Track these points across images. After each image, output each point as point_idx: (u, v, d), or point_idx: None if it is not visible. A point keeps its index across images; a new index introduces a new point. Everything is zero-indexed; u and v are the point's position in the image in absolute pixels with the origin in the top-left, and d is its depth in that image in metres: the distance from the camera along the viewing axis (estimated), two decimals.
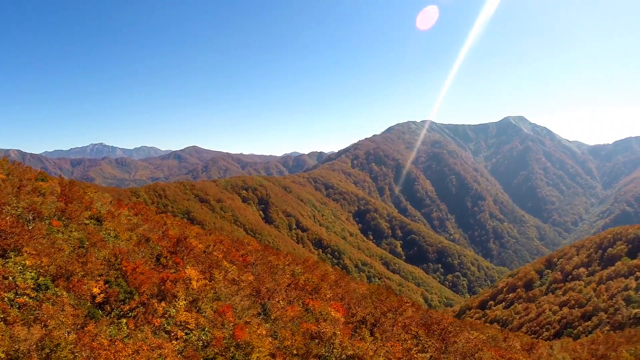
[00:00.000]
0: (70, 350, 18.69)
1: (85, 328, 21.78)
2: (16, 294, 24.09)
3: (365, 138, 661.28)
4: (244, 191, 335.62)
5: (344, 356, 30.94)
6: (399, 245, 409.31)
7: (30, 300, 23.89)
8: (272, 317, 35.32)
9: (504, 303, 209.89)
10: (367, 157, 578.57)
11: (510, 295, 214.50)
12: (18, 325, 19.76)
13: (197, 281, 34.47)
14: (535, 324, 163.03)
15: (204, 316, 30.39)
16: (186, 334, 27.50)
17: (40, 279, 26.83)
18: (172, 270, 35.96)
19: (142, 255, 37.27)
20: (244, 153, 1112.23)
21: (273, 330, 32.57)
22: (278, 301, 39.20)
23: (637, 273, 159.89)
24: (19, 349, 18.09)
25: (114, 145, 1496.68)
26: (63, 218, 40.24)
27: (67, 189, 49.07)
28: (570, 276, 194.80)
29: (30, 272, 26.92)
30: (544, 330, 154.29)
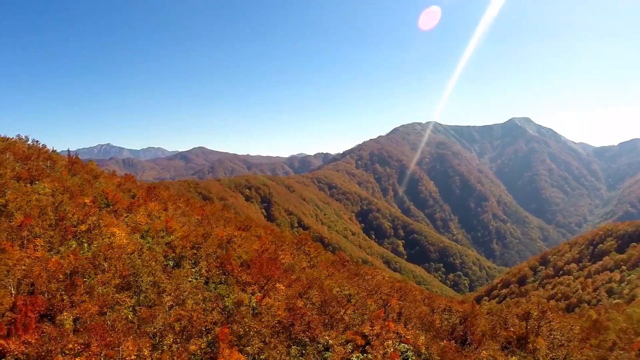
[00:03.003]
0: (68, 204, 37.48)
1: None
2: (38, 195, 42.95)
3: (370, 139, 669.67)
4: (247, 190, 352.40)
5: (242, 251, 48.94)
6: (401, 244, 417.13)
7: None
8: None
9: (497, 298, 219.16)
10: (372, 158, 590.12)
11: (503, 290, 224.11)
12: (41, 196, 38.52)
13: (155, 209, 52.75)
14: None
15: (152, 220, 48.65)
16: (138, 226, 45.69)
17: (54, 193, 45.77)
18: (141, 202, 54.59)
19: (122, 194, 56.04)
20: (251, 154, 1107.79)
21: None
22: (214, 228, 57.14)
23: (623, 267, 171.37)
24: (42, 205, 36.72)
25: (121, 146, 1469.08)
26: (69, 173, 59.41)
27: (72, 160, 68.43)
28: (561, 271, 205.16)
29: (49, 189, 45.91)
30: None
